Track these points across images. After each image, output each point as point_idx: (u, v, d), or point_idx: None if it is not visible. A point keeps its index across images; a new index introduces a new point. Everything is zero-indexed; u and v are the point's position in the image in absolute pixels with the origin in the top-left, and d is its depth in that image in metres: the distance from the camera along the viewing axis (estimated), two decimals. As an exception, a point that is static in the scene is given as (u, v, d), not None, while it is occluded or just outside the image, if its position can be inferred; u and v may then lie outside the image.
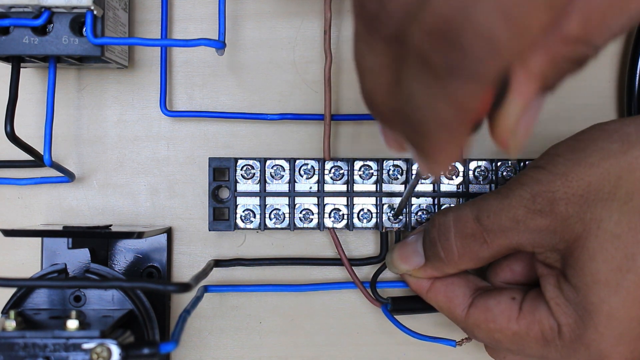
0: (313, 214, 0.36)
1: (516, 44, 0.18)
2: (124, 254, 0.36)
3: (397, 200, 0.36)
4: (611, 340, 0.28)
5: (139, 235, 0.31)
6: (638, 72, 0.36)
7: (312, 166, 0.36)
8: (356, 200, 0.36)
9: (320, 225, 0.36)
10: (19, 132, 0.32)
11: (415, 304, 0.35)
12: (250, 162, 0.35)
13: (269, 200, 0.36)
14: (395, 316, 0.36)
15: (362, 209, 0.36)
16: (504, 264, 0.33)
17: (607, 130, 0.29)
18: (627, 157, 0.28)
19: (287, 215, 0.36)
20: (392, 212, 0.36)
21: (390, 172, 0.36)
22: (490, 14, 0.18)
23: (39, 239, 0.36)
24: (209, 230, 0.36)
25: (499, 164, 0.36)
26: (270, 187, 0.36)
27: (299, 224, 0.36)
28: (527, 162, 0.36)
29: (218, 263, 0.36)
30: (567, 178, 0.28)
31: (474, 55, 0.18)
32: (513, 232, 0.29)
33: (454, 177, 0.36)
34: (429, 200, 0.36)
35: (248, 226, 0.35)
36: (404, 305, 0.36)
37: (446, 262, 0.32)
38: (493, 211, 0.30)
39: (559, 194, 0.28)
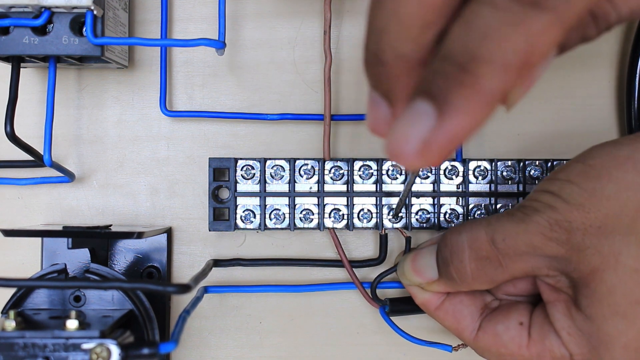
0: (313, 214, 0.36)
1: None
2: (124, 254, 0.36)
3: (396, 201, 0.36)
4: None
5: (139, 235, 0.31)
6: (638, 72, 0.36)
7: (312, 166, 0.36)
8: (356, 200, 0.36)
9: (320, 225, 0.36)
10: (19, 132, 0.32)
11: (413, 305, 0.35)
12: (250, 162, 0.35)
13: (269, 201, 0.36)
14: (393, 317, 0.36)
15: (362, 209, 0.36)
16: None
17: (618, 158, 0.28)
18: None
19: (287, 216, 0.36)
20: (391, 211, 0.36)
21: (390, 172, 0.36)
22: None
23: (39, 239, 0.36)
24: (209, 231, 0.35)
25: (498, 163, 0.36)
26: (270, 187, 0.36)
27: (299, 224, 0.36)
28: (526, 162, 0.36)
29: (217, 263, 0.36)
30: (584, 209, 0.28)
31: None
32: (529, 257, 0.29)
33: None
34: (429, 200, 0.36)
35: (248, 226, 0.35)
36: (402, 306, 0.36)
37: (459, 283, 0.31)
38: (509, 235, 0.29)
39: (576, 224, 0.28)
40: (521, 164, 0.36)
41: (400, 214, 0.36)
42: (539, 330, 0.30)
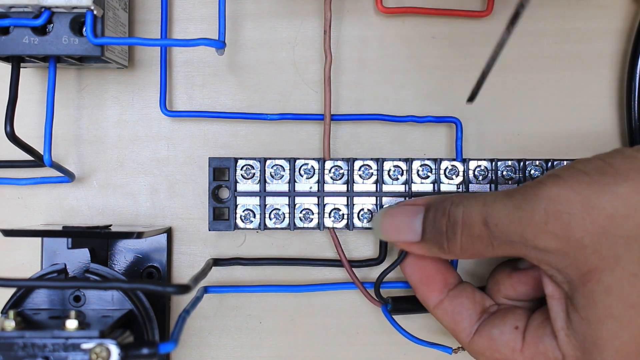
0: (313, 213, 0.36)
1: None
2: (124, 254, 0.36)
3: (395, 200, 0.35)
4: None
5: (139, 235, 0.31)
6: (638, 72, 0.36)
7: (312, 166, 0.36)
8: (356, 200, 0.36)
9: (320, 225, 0.36)
10: (19, 132, 0.32)
11: (415, 304, 0.35)
12: (250, 162, 0.35)
13: (269, 200, 0.36)
14: (395, 316, 0.36)
15: (362, 209, 0.36)
16: (507, 283, 0.33)
17: None
18: None
19: (287, 215, 0.36)
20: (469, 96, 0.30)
21: (391, 172, 0.36)
22: None
23: (39, 239, 0.36)
24: (209, 230, 0.36)
25: (499, 163, 0.36)
26: (270, 187, 0.36)
27: (299, 223, 0.36)
28: (526, 162, 0.36)
29: (217, 262, 0.36)
30: (588, 202, 0.27)
31: None
32: (520, 245, 0.28)
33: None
34: (429, 200, 0.36)
35: (248, 226, 0.35)
36: (404, 305, 0.36)
37: (446, 252, 0.31)
38: (502, 221, 0.28)
39: (576, 219, 0.27)
40: (521, 164, 0.36)
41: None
42: (533, 334, 0.30)
